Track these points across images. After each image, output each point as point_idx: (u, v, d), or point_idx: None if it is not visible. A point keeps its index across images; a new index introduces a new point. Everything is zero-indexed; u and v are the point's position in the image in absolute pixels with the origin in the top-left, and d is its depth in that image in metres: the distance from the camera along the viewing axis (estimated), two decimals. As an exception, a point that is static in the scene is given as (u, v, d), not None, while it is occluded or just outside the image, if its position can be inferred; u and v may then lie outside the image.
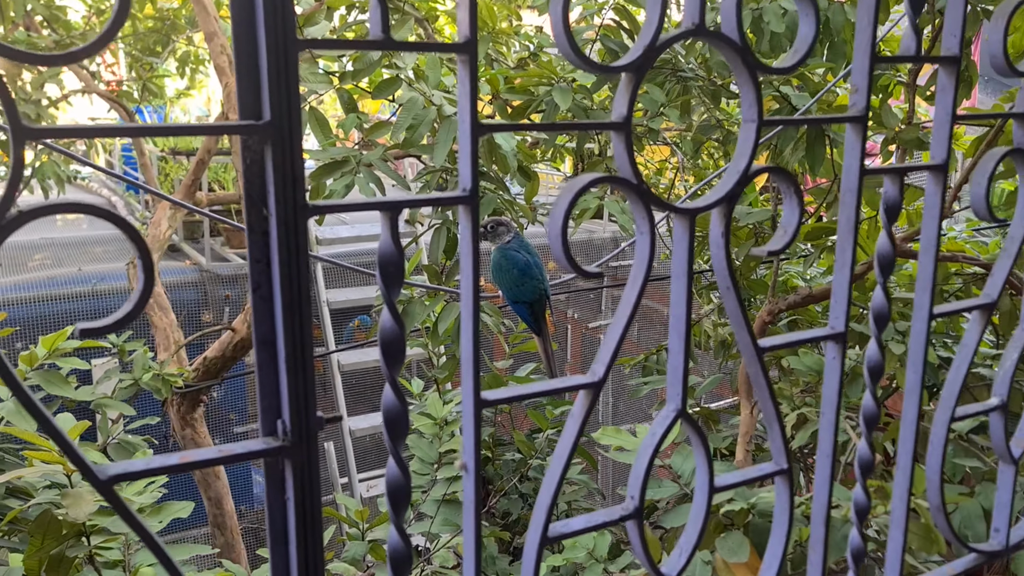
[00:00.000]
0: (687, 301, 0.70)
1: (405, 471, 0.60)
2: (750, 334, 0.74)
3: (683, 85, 2.03)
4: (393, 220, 0.56)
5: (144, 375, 2.33)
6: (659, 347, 2.43)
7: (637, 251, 0.68)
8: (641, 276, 0.68)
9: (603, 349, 0.67)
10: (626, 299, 0.68)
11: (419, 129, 1.74)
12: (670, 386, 0.73)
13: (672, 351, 0.71)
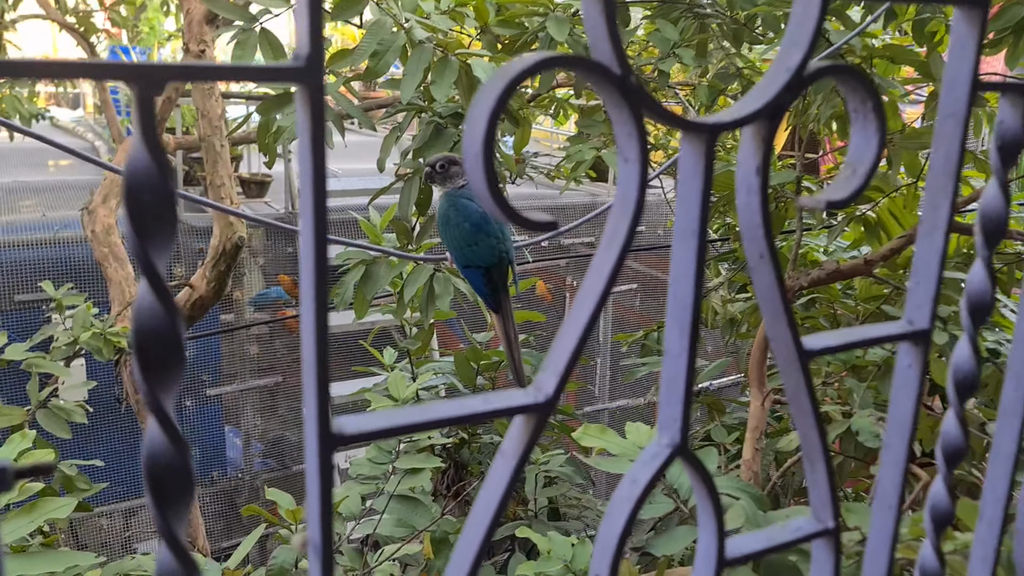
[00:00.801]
0: (697, 274, 0.44)
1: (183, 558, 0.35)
2: (791, 329, 0.48)
3: (700, 23, 1.74)
4: (143, 98, 0.30)
5: (83, 333, 2.08)
6: (659, 324, 2.17)
7: (619, 191, 0.42)
8: (622, 232, 0.42)
9: (556, 351, 0.41)
10: (597, 270, 0.42)
11: (385, 57, 1.46)
12: (665, 407, 0.47)
13: (670, 352, 0.45)
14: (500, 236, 1.19)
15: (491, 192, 0.37)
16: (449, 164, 1.20)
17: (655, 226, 5.31)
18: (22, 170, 5.27)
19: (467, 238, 1.17)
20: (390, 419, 0.37)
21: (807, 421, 0.51)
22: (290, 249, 4.08)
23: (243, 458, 4.27)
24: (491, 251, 1.17)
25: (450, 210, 1.21)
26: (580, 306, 0.40)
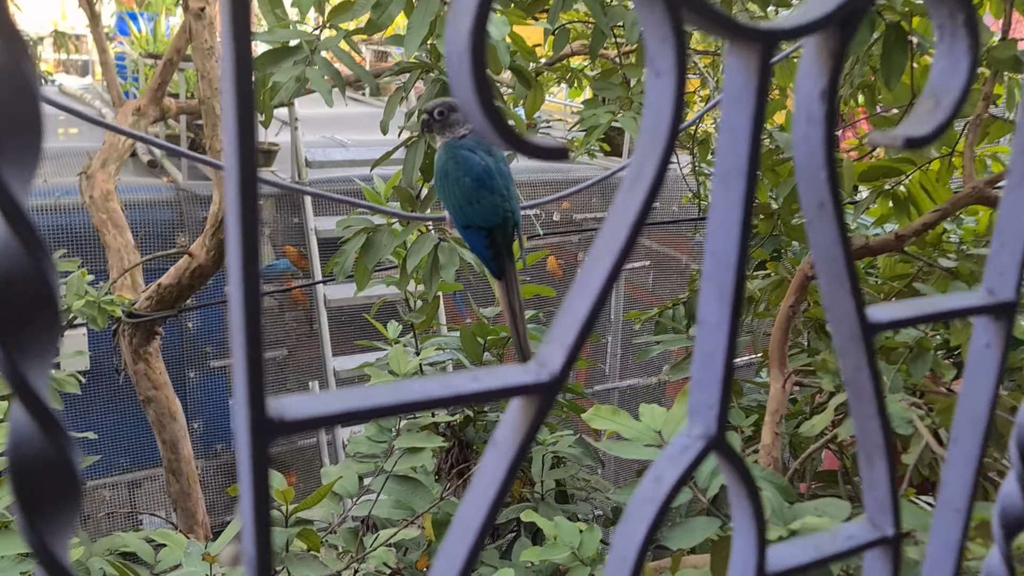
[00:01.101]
0: (743, 226, 0.35)
1: None
2: (855, 297, 0.39)
3: (725, -20, 1.64)
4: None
5: (76, 301, 2.01)
6: (675, 300, 2.09)
7: (648, 113, 0.33)
8: (651, 167, 0.33)
9: (564, 320, 0.33)
10: (617, 218, 0.33)
11: (388, 8, 1.36)
12: (698, 390, 0.38)
13: (707, 322, 0.37)
14: (505, 193, 1.06)
15: (481, 103, 0.28)
16: (448, 110, 1.08)
17: (670, 202, 5.20)
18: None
19: (468, 194, 1.03)
20: (347, 401, 0.29)
21: (867, 409, 0.42)
22: (296, 219, 4.00)
23: (247, 431, 4.21)
24: (494, 210, 1.04)
25: (449, 162, 1.07)
26: (595, 264, 0.32)
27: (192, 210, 3.62)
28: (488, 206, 1.03)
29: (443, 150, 1.07)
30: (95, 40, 3.22)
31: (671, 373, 1.75)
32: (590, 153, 4.49)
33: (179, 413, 2.61)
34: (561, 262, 5.16)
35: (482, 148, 1.05)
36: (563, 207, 5.00)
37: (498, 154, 1.04)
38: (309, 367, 4.30)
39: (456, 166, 1.05)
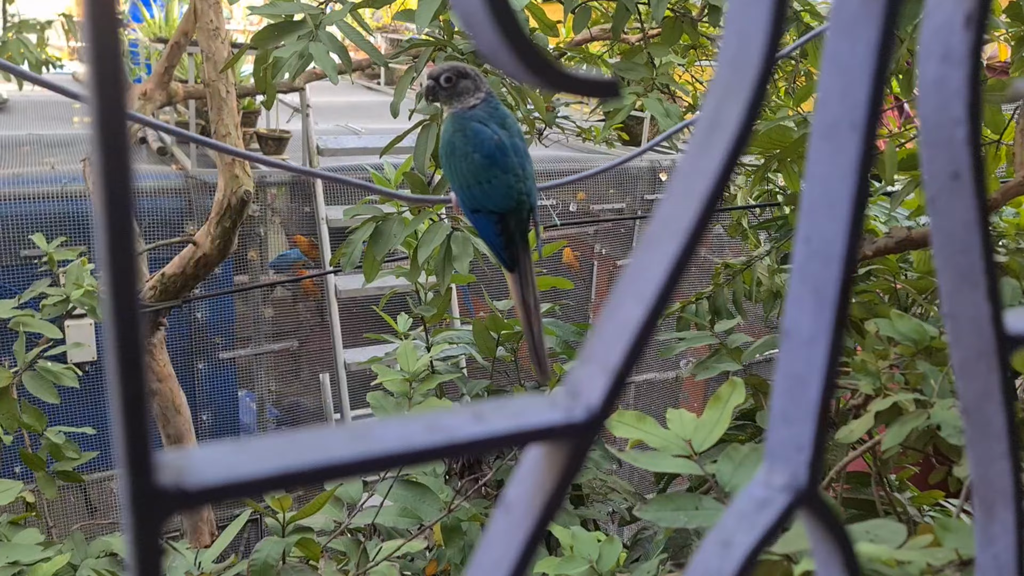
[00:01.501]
0: (857, 202, 0.26)
1: None
2: (992, 303, 0.29)
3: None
4: None
5: (75, 291, 1.93)
6: (698, 295, 1.99)
7: (726, 33, 0.23)
8: (732, 121, 0.23)
9: (607, 330, 0.23)
10: (685, 185, 0.24)
11: (397, -19, 1.27)
12: (781, 424, 0.28)
13: (796, 335, 0.27)
14: (520, 173, 0.91)
15: (494, 12, 0.19)
16: (457, 76, 0.93)
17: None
18: (44, 123, 5.14)
19: (477, 173, 0.90)
20: (286, 456, 0.19)
21: (994, 447, 0.33)
22: (307, 208, 3.92)
23: (257, 423, 4.15)
24: (508, 192, 0.91)
25: (456, 136, 0.93)
26: (652, 251, 0.22)
27: (201, 198, 3.54)
28: (500, 187, 0.90)
29: (450, 121, 0.95)
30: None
31: (697, 371, 1.65)
32: (608, 142, 4.39)
33: (184, 406, 2.54)
34: (578, 254, 5.05)
35: (495, 120, 0.92)
36: (579, 198, 4.89)
37: (513, 127, 0.93)
38: (320, 359, 4.22)
39: (464, 140, 0.92)
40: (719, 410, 0.92)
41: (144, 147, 4.27)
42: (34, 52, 3.10)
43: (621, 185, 4.91)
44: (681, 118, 1.47)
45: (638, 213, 5.01)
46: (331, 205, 3.85)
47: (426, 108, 1.58)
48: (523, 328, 0.92)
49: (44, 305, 1.92)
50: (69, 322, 3.30)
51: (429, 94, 0.92)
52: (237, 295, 3.93)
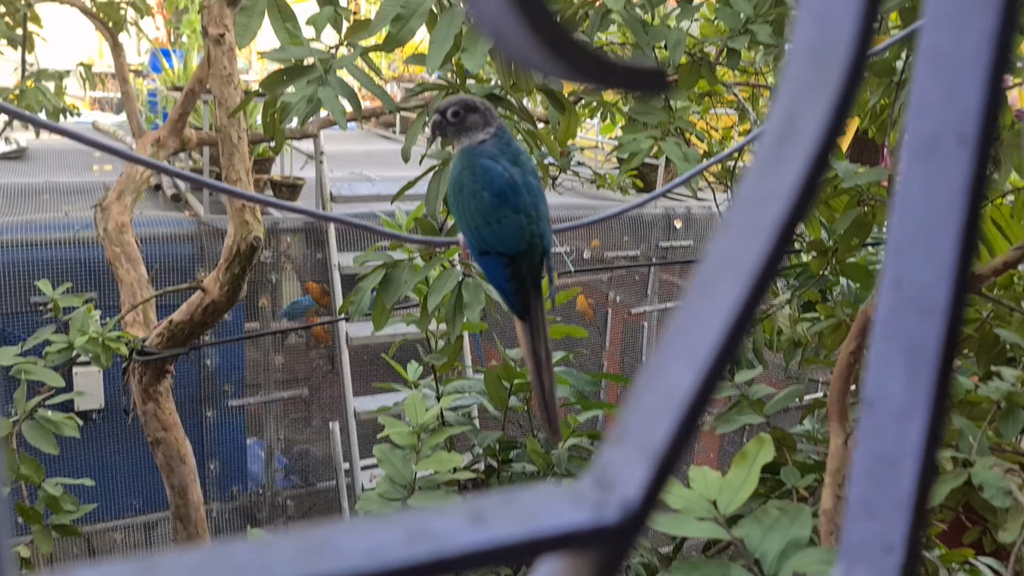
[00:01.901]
0: (966, 235, 0.20)
1: None
2: None
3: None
4: None
5: (79, 338, 1.89)
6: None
7: (800, 20, 0.18)
8: (812, 127, 0.18)
9: (646, 400, 0.18)
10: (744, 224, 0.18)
11: (409, 22, 1.24)
12: (861, 515, 0.23)
13: (885, 404, 0.22)
14: (533, 214, 0.85)
15: None
16: (465, 110, 0.87)
17: (705, 240, 5.03)
18: (62, 171, 5.18)
19: (486, 212, 0.83)
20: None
21: None
22: (320, 255, 3.90)
23: (265, 473, 4.07)
24: (519, 233, 0.84)
25: (464, 173, 0.86)
26: (708, 296, 0.17)
27: (213, 244, 3.53)
28: (511, 227, 0.83)
29: (459, 158, 0.89)
30: (116, 69, 3.17)
31: (717, 424, 1.58)
32: (623, 189, 4.36)
33: (189, 456, 2.48)
34: (591, 301, 5.00)
35: (507, 156, 0.86)
36: (593, 245, 4.85)
37: (527, 164, 0.87)
38: (331, 407, 4.16)
39: (473, 177, 0.85)
40: (746, 469, 0.85)
41: (159, 194, 4.29)
42: (52, 101, 3.12)
43: (635, 232, 4.87)
44: (699, 163, 1.43)
45: (652, 260, 4.96)
46: (343, 251, 3.83)
47: (438, 153, 1.55)
48: (532, 381, 0.85)
49: (48, 352, 1.88)
50: (77, 369, 3.26)
51: (436, 129, 0.87)
52: (248, 342, 3.89)
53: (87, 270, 3.26)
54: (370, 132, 8.21)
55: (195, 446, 2.70)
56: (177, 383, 2.67)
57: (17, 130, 3.48)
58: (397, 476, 1.34)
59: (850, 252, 1.65)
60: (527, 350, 0.83)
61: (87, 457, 3.41)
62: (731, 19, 1.44)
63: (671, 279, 5.32)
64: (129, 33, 3.57)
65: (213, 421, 3.79)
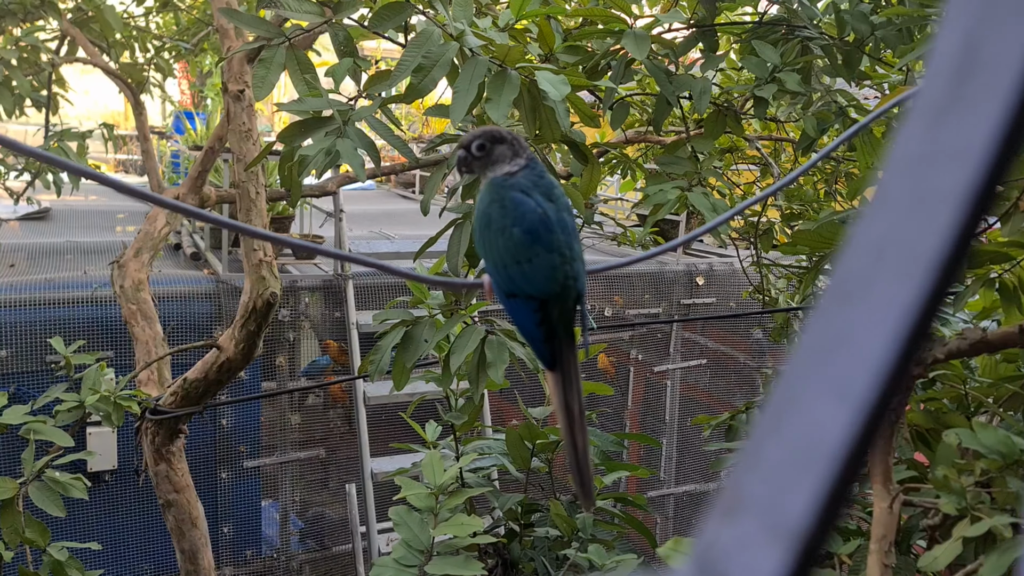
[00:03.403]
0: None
1: None
2: None
3: (803, 45, 1.47)
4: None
5: (90, 397, 1.85)
6: (748, 404, 1.85)
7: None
8: (1002, 82, 0.13)
9: (774, 460, 0.13)
10: (910, 195, 0.13)
11: (431, 73, 1.22)
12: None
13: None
14: (567, 253, 0.77)
15: None
16: (491, 142, 0.80)
17: (727, 297, 4.96)
18: (83, 231, 5.22)
19: (516, 251, 0.76)
20: None
21: None
22: (338, 313, 3.86)
23: (280, 536, 3.98)
24: (551, 274, 0.76)
25: (492, 207, 0.79)
26: (862, 295, 0.12)
27: (231, 303, 3.51)
28: (543, 268, 0.76)
29: (487, 191, 0.81)
30: (137, 128, 3.20)
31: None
32: (644, 246, 4.32)
33: (200, 519, 2.41)
34: (613, 359, 4.92)
35: (539, 190, 0.79)
36: (616, 302, 4.79)
37: (561, 200, 0.80)
38: (348, 467, 4.08)
39: (502, 212, 0.78)
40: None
41: (179, 253, 4.30)
42: (75, 161, 3.14)
43: (657, 290, 4.82)
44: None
45: (674, 317, 4.89)
46: (362, 310, 3.79)
47: (458, 207, 1.52)
48: (564, 439, 0.77)
49: (58, 411, 1.84)
50: (90, 429, 3.22)
51: (461, 165, 0.82)
52: (264, 401, 3.84)
53: (104, 328, 3.25)
54: (389, 191, 8.28)
55: (209, 508, 2.63)
56: (191, 443, 2.62)
57: (40, 192, 3.50)
58: (414, 540, 1.27)
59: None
60: (558, 404, 0.76)
61: (98, 519, 3.34)
62: (758, 68, 1.41)
63: (694, 337, 5.24)
64: (152, 96, 3.62)
65: (227, 483, 3.71)
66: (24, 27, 2.93)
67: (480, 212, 0.79)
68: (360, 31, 1.42)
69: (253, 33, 1.35)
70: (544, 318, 0.75)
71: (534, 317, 0.75)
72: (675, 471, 5.25)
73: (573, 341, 0.77)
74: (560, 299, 0.76)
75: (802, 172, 0.88)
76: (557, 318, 0.75)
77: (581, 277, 0.78)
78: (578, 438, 0.75)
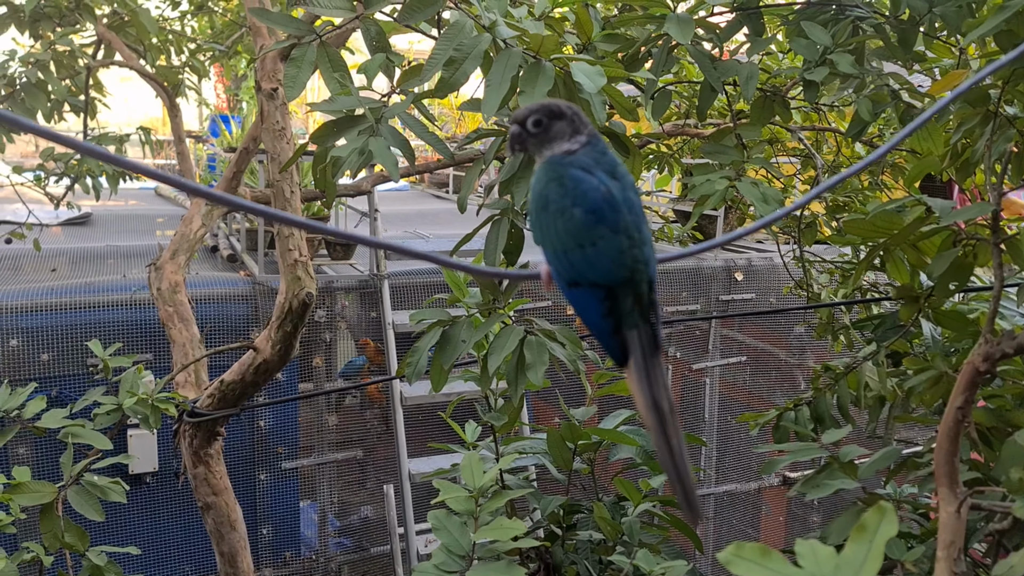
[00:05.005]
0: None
1: None
2: None
3: (854, 26, 1.41)
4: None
5: (128, 400, 1.84)
6: (796, 400, 1.78)
7: None
8: None
9: None
10: None
11: (462, 66, 1.17)
12: None
13: None
14: (635, 235, 0.70)
15: None
16: (549, 117, 0.73)
17: (766, 293, 4.86)
18: (123, 235, 5.26)
19: (578, 233, 0.68)
20: None
21: None
22: (374, 314, 3.84)
23: (318, 537, 3.97)
24: (618, 258, 0.69)
25: (550, 186, 0.71)
26: None
27: (267, 304, 3.50)
28: (609, 251, 0.68)
29: (543, 169, 0.73)
30: (172, 129, 3.20)
31: (806, 489, 1.44)
32: (682, 242, 4.25)
33: (239, 521, 2.40)
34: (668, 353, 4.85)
35: (602, 167, 0.71)
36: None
37: (626, 178, 0.72)
38: (385, 468, 4.06)
39: (562, 191, 0.70)
40: (866, 544, 0.72)
41: (216, 255, 4.32)
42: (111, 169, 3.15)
43: (695, 286, 4.73)
44: (779, 202, 1.32)
45: (713, 314, 4.80)
46: (398, 310, 3.77)
47: (496, 203, 1.47)
48: (656, 442, 0.68)
49: (96, 414, 1.83)
50: (131, 432, 3.23)
51: (515, 142, 0.75)
52: (302, 402, 3.84)
53: (142, 331, 3.26)
54: (423, 191, 8.27)
55: (247, 510, 2.62)
56: (229, 445, 2.61)
57: (80, 197, 3.53)
58: (454, 545, 1.23)
59: (944, 298, 1.52)
60: (643, 403, 0.67)
61: (139, 522, 3.36)
62: (808, 50, 1.35)
63: (732, 334, 5.14)
64: (188, 99, 3.63)
65: (266, 484, 3.71)
66: (60, 31, 2.94)
67: (536, 193, 0.72)
68: (392, 25, 1.38)
69: (284, 31, 1.32)
70: (611, 307, 0.68)
71: (600, 307, 0.68)
72: (715, 470, 5.16)
73: (652, 331, 0.69)
74: (629, 286, 0.68)
75: (873, 160, 0.82)
76: (627, 308, 0.68)
77: (652, 262, 0.70)
78: (673, 440, 0.67)
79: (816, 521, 5.16)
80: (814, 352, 4.98)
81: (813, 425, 1.73)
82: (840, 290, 3.17)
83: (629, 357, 0.69)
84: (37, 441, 3.13)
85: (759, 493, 5.35)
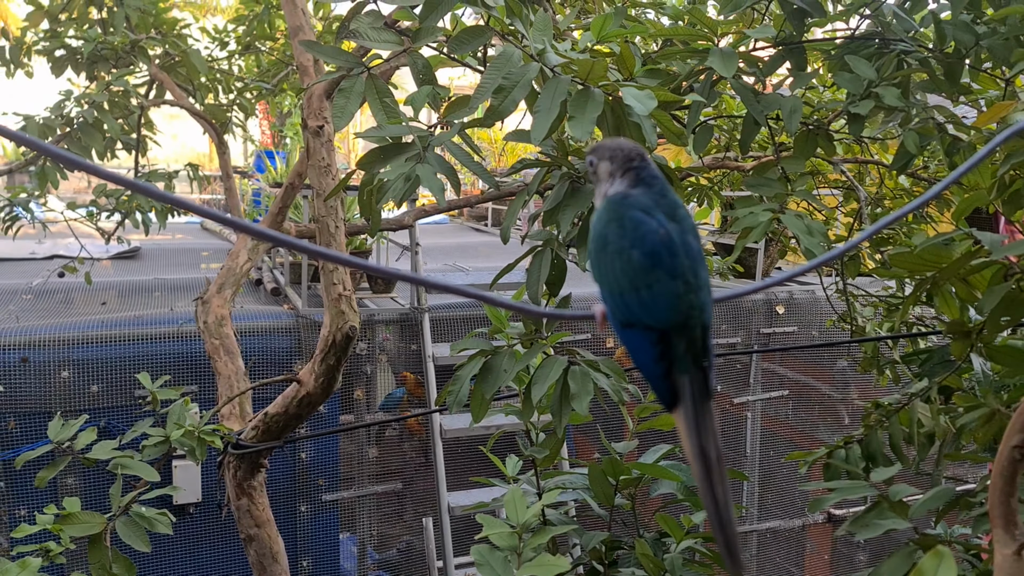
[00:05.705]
0: None
1: None
2: None
3: (899, 59, 1.40)
4: None
5: (175, 432, 1.87)
6: (846, 438, 1.75)
7: None
8: None
9: None
10: None
11: (511, 93, 1.19)
12: None
13: None
14: (692, 280, 0.71)
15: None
16: (609, 155, 0.75)
17: (809, 326, 4.80)
18: (171, 269, 5.37)
19: (635, 275, 0.69)
20: None
21: None
22: (414, 346, 3.87)
23: (357, 570, 3.96)
24: (674, 302, 0.69)
25: (610, 227, 0.72)
26: None
27: (310, 337, 3.55)
28: (664, 295, 0.69)
29: (604, 209, 0.74)
30: (220, 166, 3.28)
31: (855, 529, 1.41)
32: (722, 274, 4.22)
33: (281, 554, 2.41)
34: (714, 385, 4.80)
35: (663, 209, 0.72)
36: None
37: (686, 221, 0.73)
38: (424, 501, 4.06)
39: (621, 232, 0.71)
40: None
41: (260, 288, 4.39)
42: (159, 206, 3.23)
43: (735, 319, 4.69)
44: (824, 236, 1.31)
45: (754, 347, 4.75)
46: (438, 343, 3.79)
47: (538, 234, 1.48)
48: (701, 490, 0.68)
49: (144, 446, 1.86)
50: (176, 463, 3.28)
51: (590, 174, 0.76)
52: (342, 435, 3.86)
53: (189, 363, 3.32)
54: (462, 225, 8.34)
55: (288, 541, 2.63)
56: (271, 476, 2.63)
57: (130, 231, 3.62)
58: None
59: (995, 333, 1.49)
60: (691, 450, 0.67)
61: (182, 552, 3.39)
62: (852, 84, 1.35)
63: (774, 367, 5.07)
64: (235, 135, 3.71)
65: (307, 516, 3.73)
66: (115, 72, 3.04)
67: (596, 233, 0.73)
68: (439, 59, 1.40)
69: (334, 64, 1.35)
70: (664, 352, 0.68)
71: (653, 351, 0.68)
72: (757, 506, 5.06)
73: (704, 376, 0.69)
74: (683, 331, 0.69)
75: (931, 197, 0.81)
76: (680, 352, 0.69)
77: (708, 307, 0.70)
78: (718, 489, 0.67)
79: (863, 560, 5.03)
80: (857, 386, 4.89)
81: (864, 463, 1.70)
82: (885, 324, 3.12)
83: (679, 402, 0.69)
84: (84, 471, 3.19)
85: (803, 530, 5.23)
